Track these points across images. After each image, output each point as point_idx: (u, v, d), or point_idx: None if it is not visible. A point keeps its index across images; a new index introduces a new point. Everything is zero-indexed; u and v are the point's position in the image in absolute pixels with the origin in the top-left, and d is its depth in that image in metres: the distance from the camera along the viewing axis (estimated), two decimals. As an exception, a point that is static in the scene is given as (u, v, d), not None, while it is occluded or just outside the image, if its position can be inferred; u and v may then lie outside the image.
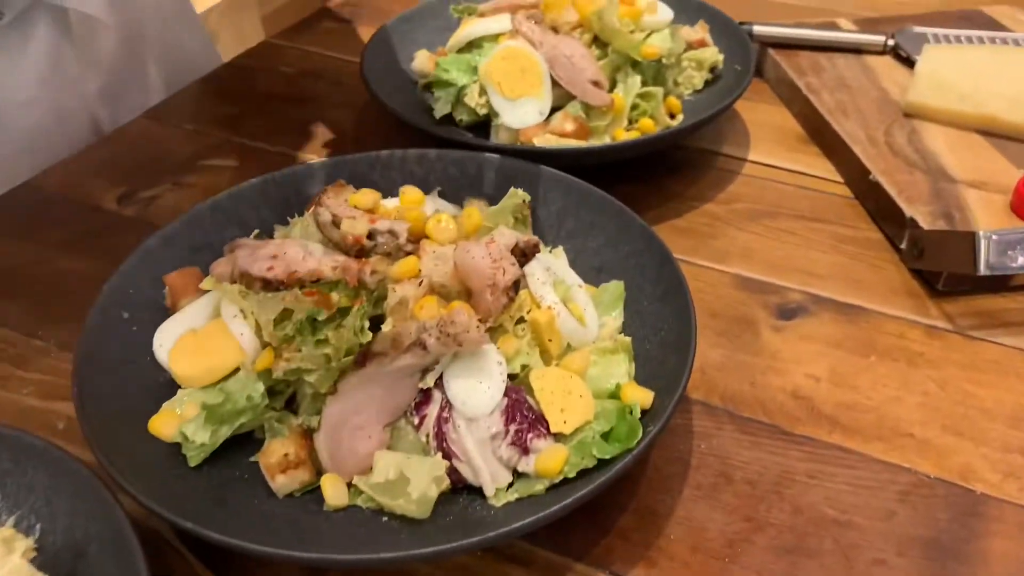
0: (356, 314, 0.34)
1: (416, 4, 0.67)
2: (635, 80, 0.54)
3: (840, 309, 0.46)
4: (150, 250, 0.41)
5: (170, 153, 0.60)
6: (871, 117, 0.57)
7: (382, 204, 0.40)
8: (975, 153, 0.53)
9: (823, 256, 0.50)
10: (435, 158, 0.48)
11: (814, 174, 0.56)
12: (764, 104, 0.64)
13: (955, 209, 0.48)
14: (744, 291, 0.47)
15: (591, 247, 0.44)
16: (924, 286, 0.47)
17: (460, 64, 0.56)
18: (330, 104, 0.65)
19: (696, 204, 0.54)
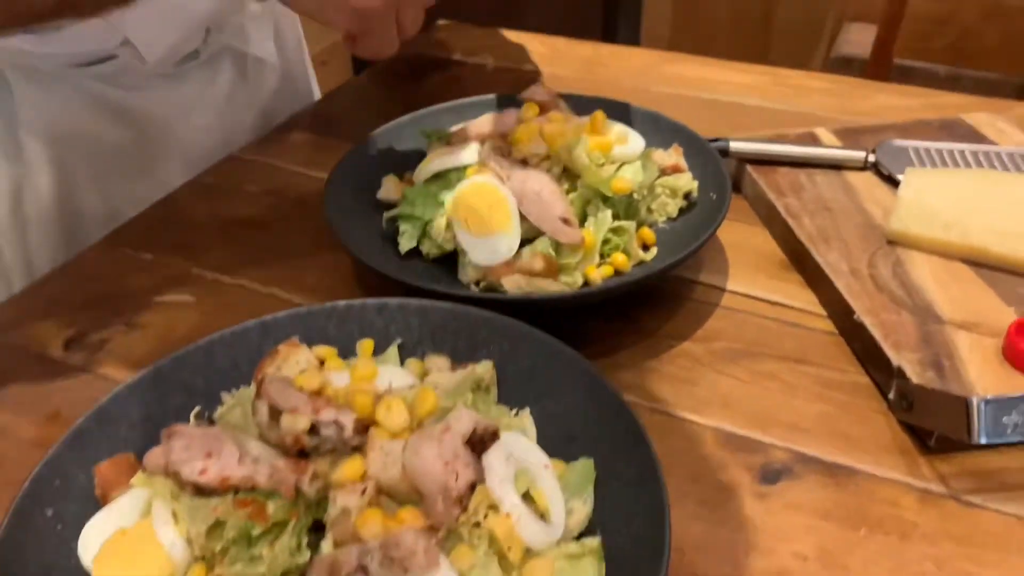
0: (292, 531, 0.31)
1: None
2: (606, 215, 0.52)
3: (828, 470, 0.43)
4: (82, 432, 0.38)
5: (124, 287, 0.57)
6: (854, 245, 0.55)
7: (330, 383, 0.38)
8: (964, 288, 0.51)
9: (808, 405, 0.47)
10: (396, 308, 0.46)
11: (797, 306, 0.54)
12: (743, 224, 0.61)
13: (945, 357, 0.46)
14: (726, 449, 0.44)
15: (560, 411, 0.41)
16: (916, 441, 0.44)
17: (426, 197, 0.54)
18: (294, 229, 0.63)
19: (674, 343, 0.51)
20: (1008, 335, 0.46)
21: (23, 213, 0.67)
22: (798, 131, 0.68)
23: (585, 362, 0.42)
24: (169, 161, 0.72)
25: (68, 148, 0.67)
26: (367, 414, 0.35)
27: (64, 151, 0.67)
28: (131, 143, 0.70)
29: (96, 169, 0.69)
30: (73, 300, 0.56)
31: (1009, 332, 0.46)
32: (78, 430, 0.39)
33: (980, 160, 0.62)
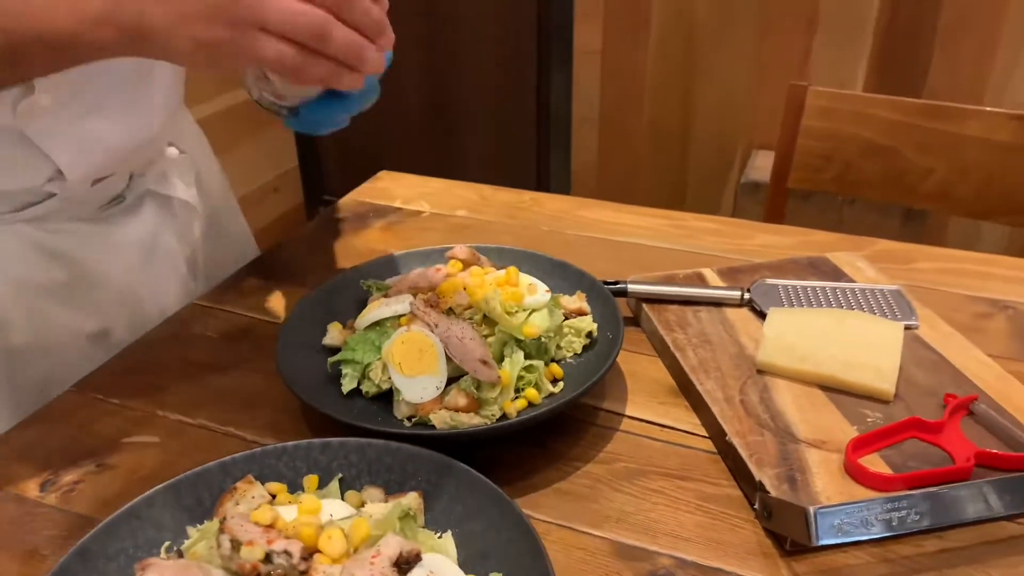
0: (250, 647, 0.38)
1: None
2: (519, 356, 0.61)
3: (703, 573, 0.51)
4: (66, 569, 0.45)
5: (93, 432, 0.64)
6: (729, 374, 0.65)
7: (281, 517, 0.45)
8: (817, 410, 0.61)
9: (689, 517, 0.55)
10: (337, 446, 0.54)
11: (683, 429, 0.63)
12: (642, 355, 0.71)
13: (798, 471, 0.55)
14: (619, 559, 0.53)
15: (477, 531, 0.50)
16: (776, 545, 0.53)
17: (365, 343, 0.63)
18: (251, 369, 0.70)
19: (579, 465, 0.60)
20: (847, 451, 0.56)
21: None
22: (687, 271, 0.79)
23: (498, 490, 0.50)
24: (104, 299, 0.77)
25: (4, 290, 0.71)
26: (312, 543, 0.43)
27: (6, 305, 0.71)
28: (63, 284, 0.74)
29: (29, 307, 0.73)
30: (47, 444, 0.63)
31: (847, 448, 0.56)
32: (61, 568, 0.45)
33: (837, 296, 0.74)
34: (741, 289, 0.74)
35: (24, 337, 0.73)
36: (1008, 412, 0.60)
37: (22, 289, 0.73)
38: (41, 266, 0.73)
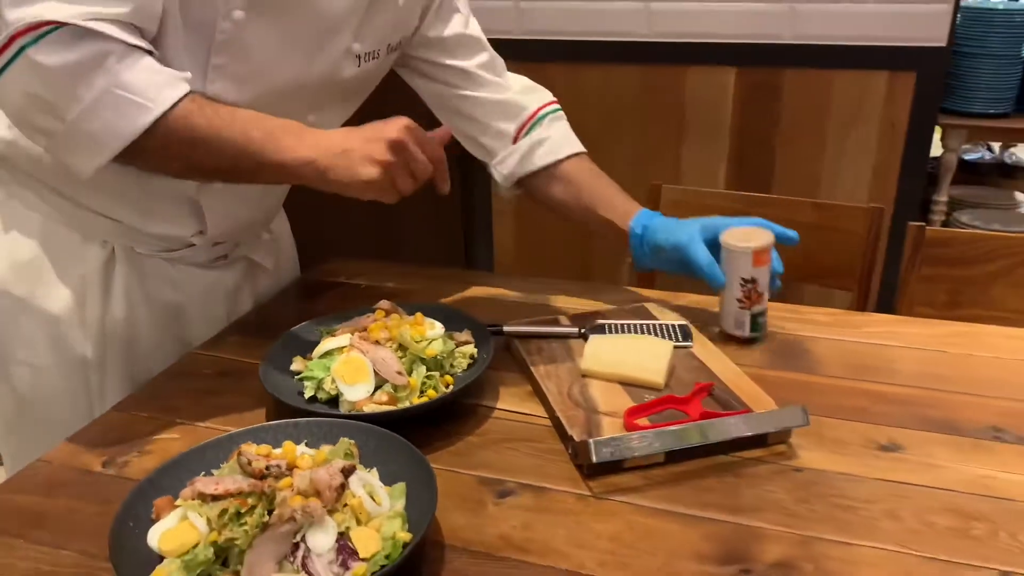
0: (260, 509, 0.69)
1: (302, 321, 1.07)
2: (422, 369, 0.94)
3: (533, 490, 0.83)
4: (141, 490, 0.75)
5: (133, 432, 0.94)
6: (563, 379, 0.98)
7: (274, 451, 0.76)
8: (614, 396, 0.94)
9: (529, 461, 0.87)
10: (304, 424, 0.85)
11: (532, 414, 0.96)
12: (510, 373, 1.04)
13: (595, 428, 0.88)
14: (481, 485, 0.84)
15: (392, 468, 0.81)
16: (580, 473, 0.85)
17: (320, 367, 0.95)
18: (239, 392, 1.01)
19: (462, 437, 0.92)
20: (624, 415, 0.89)
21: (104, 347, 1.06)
22: (547, 317, 1.14)
23: (405, 441, 0.82)
24: (191, 319, 1.14)
25: (143, 306, 1.08)
26: (292, 461, 0.74)
27: (141, 309, 1.08)
28: (175, 305, 1.11)
29: (154, 321, 1.09)
30: (104, 440, 0.92)
31: (624, 413, 0.89)
32: (138, 489, 0.75)
33: (640, 328, 1.08)
34: (580, 327, 1.09)
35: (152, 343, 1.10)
36: (737, 395, 0.94)
37: (150, 302, 1.08)
38: (166, 290, 1.09)
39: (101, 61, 0.80)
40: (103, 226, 1.03)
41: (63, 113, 0.81)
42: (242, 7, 0.88)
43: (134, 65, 0.82)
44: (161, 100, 0.83)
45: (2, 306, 1.03)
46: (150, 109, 0.82)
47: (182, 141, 0.86)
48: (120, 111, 0.82)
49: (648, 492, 0.83)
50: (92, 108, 0.81)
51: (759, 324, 1.09)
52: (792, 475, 0.85)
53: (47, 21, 0.78)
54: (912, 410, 0.96)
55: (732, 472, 0.86)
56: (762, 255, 1.05)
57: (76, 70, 0.80)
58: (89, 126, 0.82)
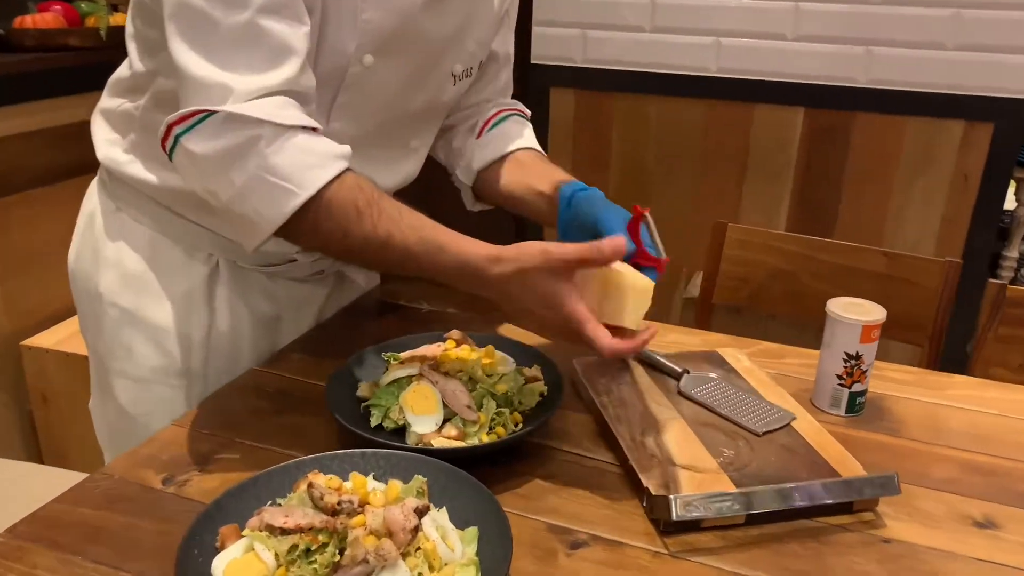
0: (331, 547, 0.66)
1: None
2: (492, 404, 0.91)
3: (606, 543, 0.79)
4: (208, 515, 0.73)
5: (193, 450, 0.92)
6: (635, 424, 0.94)
7: (344, 485, 0.73)
8: (690, 446, 0.90)
9: (600, 511, 0.84)
10: (371, 455, 0.82)
11: (602, 459, 0.92)
12: (579, 412, 1.01)
13: (671, 481, 0.84)
14: (552, 533, 0.81)
15: (463, 507, 0.78)
16: (656, 528, 0.81)
17: (388, 395, 0.92)
18: (302, 413, 0.99)
19: (529, 478, 0.88)
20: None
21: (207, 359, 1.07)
22: (616, 357, 1.10)
23: (477, 481, 0.78)
24: (288, 327, 1.17)
25: (244, 319, 1.09)
26: (364, 498, 0.71)
27: (243, 322, 1.09)
28: (272, 319, 1.13)
29: (254, 332, 1.11)
30: (163, 456, 0.90)
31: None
32: (204, 515, 0.73)
33: (743, 400, 1.04)
34: (682, 368, 1.05)
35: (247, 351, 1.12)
36: (823, 457, 0.89)
37: (252, 314, 1.10)
38: (264, 303, 1.11)
39: (252, 146, 0.80)
40: (209, 240, 1.04)
41: (219, 196, 0.83)
42: (372, 51, 0.90)
43: (283, 147, 0.81)
44: (308, 183, 0.82)
45: (110, 316, 1.05)
46: (296, 194, 0.82)
47: (334, 225, 0.84)
48: (268, 195, 0.82)
49: (727, 554, 0.79)
50: (242, 193, 0.82)
51: (857, 405, 1.03)
52: (881, 547, 0.80)
53: (198, 111, 0.79)
54: (1005, 484, 0.90)
55: (816, 538, 0.81)
56: (874, 331, 1.00)
57: (225, 158, 0.80)
58: (241, 209, 0.83)
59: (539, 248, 0.82)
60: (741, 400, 1.00)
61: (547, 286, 0.82)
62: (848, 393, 1.01)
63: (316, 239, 0.87)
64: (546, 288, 0.82)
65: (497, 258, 0.83)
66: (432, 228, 0.85)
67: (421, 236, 0.84)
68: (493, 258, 0.83)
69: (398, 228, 0.84)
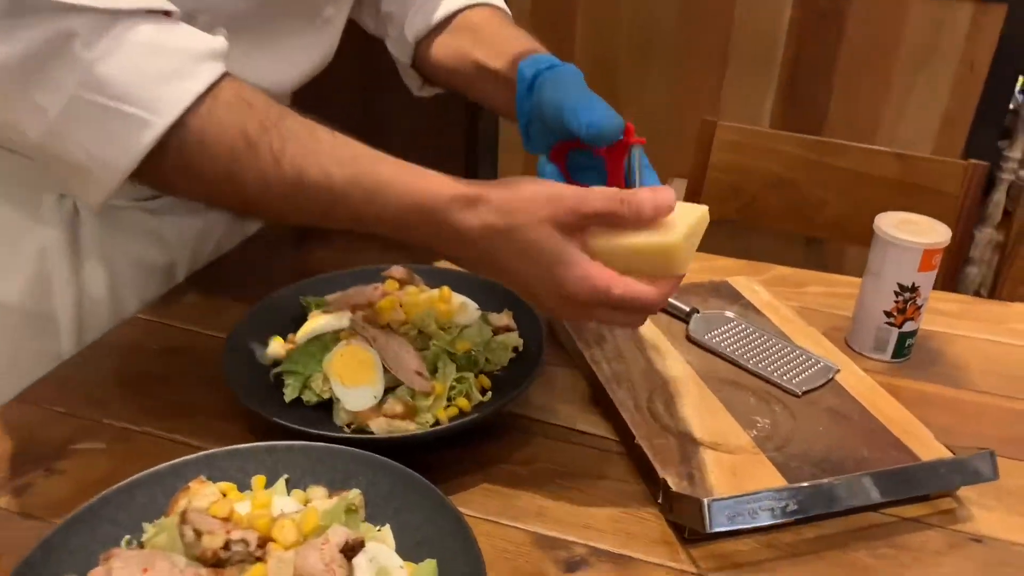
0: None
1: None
2: (451, 368, 0.67)
3: (613, 559, 0.58)
4: (30, 562, 0.48)
5: (41, 438, 0.67)
6: (639, 385, 0.72)
7: (236, 510, 0.50)
8: (714, 416, 0.69)
9: (601, 511, 0.62)
10: (284, 449, 0.59)
11: (597, 434, 0.70)
12: (563, 368, 0.78)
13: (696, 470, 0.63)
14: (540, 549, 0.59)
15: (413, 524, 0.55)
16: (677, 534, 0.60)
17: (305, 356, 0.68)
18: (193, 381, 0.74)
19: (505, 467, 0.66)
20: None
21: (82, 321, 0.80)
22: (605, 292, 0.87)
23: (432, 486, 0.56)
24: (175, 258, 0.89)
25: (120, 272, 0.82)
26: (266, 532, 0.48)
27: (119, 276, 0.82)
28: (164, 269, 0.87)
29: (142, 290, 0.85)
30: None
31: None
32: (26, 562, 0.49)
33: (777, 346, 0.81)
34: (689, 307, 0.82)
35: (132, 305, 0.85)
36: (891, 431, 0.69)
37: (136, 265, 0.84)
38: (147, 248, 0.85)
39: (63, 49, 0.52)
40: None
41: (26, 133, 0.55)
42: None
43: (115, 48, 0.53)
44: (163, 104, 0.54)
45: None
46: (146, 122, 0.54)
47: (212, 165, 0.57)
48: (101, 127, 0.54)
49: (779, 570, 0.58)
50: (60, 125, 0.54)
51: (906, 348, 0.82)
52: (971, 548, 0.60)
53: None
54: (1103, 449, 0.71)
55: (887, 540, 0.61)
56: (935, 257, 0.77)
57: (23, 71, 0.52)
58: (63, 150, 0.55)
59: (544, 193, 0.56)
60: (768, 347, 0.78)
61: (550, 247, 0.55)
62: (898, 334, 0.80)
63: (186, 185, 0.59)
64: (550, 249, 0.55)
65: (472, 199, 0.56)
66: (369, 158, 0.58)
67: (353, 172, 0.57)
68: (465, 199, 0.56)
69: (316, 161, 0.56)
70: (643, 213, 0.55)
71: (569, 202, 0.55)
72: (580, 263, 0.55)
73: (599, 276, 0.55)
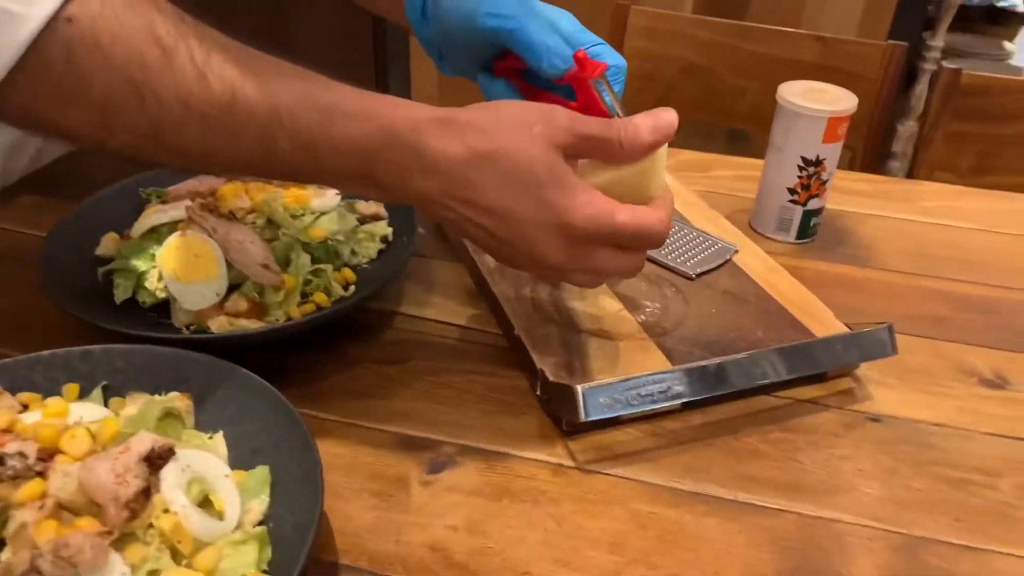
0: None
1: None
2: (305, 259, 0.60)
3: (484, 457, 0.53)
4: None
5: None
6: (523, 276, 0.66)
7: (20, 420, 0.42)
8: (600, 302, 0.63)
9: (476, 407, 0.57)
10: (100, 353, 0.51)
11: (478, 328, 0.64)
12: (445, 262, 0.71)
13: (576, 358, 0.57)
14: (403, 450, 0.53)
15: (250, 431, 0.48)
16: (556, 427, 0.55)
17: (139, 251, 0.60)
18: (14, 290, 0.65)
19: (373, 367, 0.60)
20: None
21: None
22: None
23: (271, 389, 0.49)
24: None
25: None
26: (52, 444, 0.40)
27: None
28: None
29: None
30: None
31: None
32: None
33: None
34: None
35: None
36: (785, 308, 0.64)
37: None
38: None
39: None
40: None
41: None
42: None
43: None
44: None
45: None
46: (18, 18, 0.40)
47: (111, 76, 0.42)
48: None
49: (661, 459, 0.53)
50: None
51: (812, 227, 0.77)
52: (869, 428, 0.57)
53: None
54: (1008, 322, 0.68)
55: (780, 424, 0.57)
56: (841, 126, 0.72)
57: None
58: None
59: (534, 111, 0.47)
60: (666, 230, 0.72)
61: (548, 169, 0.46)
62: (802, 212, 0.75)
63: (77, 113, 0.43)
64: (548, 172, 0.46)
65: (448, 120, 0.46)
66: (318, 77, 0.47)
67: (303, 89, 0.45)
68: (440, 121, 0.46)
69: (252, 75, 0.44)
70: (640, 141, 0.47)
71: (563, 120, 0.46)
72: (583, 189, 0.47)
73: (603, 204, 0.47)
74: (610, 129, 0.47)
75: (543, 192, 0.46)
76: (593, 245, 0.48)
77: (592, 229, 0.46)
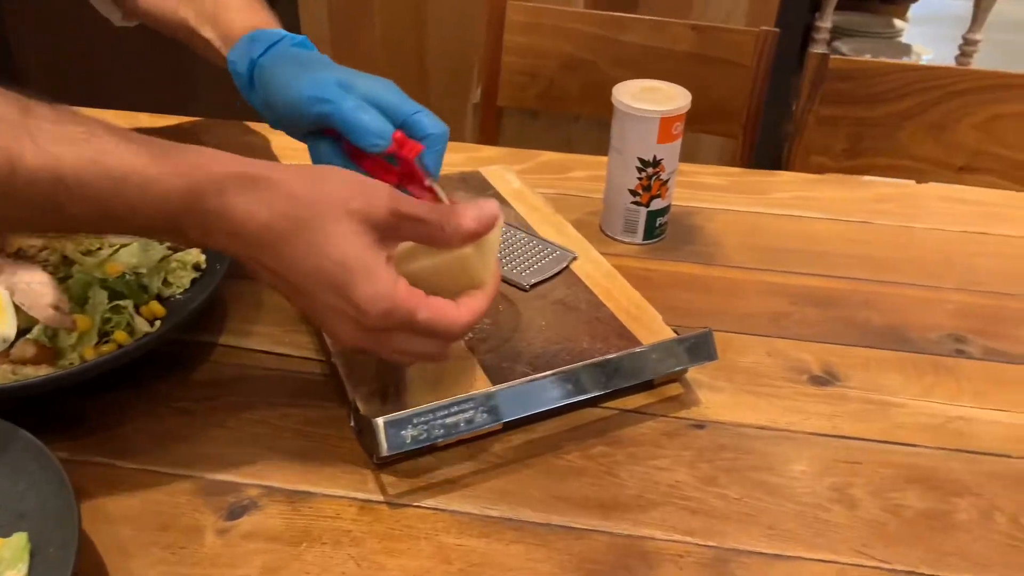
0: None
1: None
2: (102, 296, 0.56)
3: (288, 498, 0.50)
4: None
5: None
6: (349, 295, 0.63)
7: None
8: (427, 322, 0.61)
9: (288, 443, 0.54)
10: None
11: (301, 355, 0.61)
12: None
13: (392, 386, 0.55)
14: (202, 496, 0.50)
15: (18, 491, 0.45)
16: (368, 461, 0.53)
17: (-83, 300, 0.55)
18: None
19: (182, 405, 0.57)
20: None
21: None
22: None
23: (38, 444, 0.46)
24: None
25: None
26: None
27: None
28: None
29: None
30: None
31: None
32: None
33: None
34: None
35: None
36: (614, 314, 0.63)
37: None
38: None
39: None
40: None
41: None
42: None
43: None
44: None
45: None
46: None
47: None
48: None
49: (477, 484, 0.52)
50: None
51: (659, 228, 0.76)
52: (692, 436, 0.56)
53: None
54: (843, 313, 0.68)
55: (603, 437, 0.56)
56: (675, 125, 0.71)
57: None
58: None
59: (355, 181, 0.46)
60: (504, 240, 0.70)
61: (355, 250, 0.44)
62: (646, 213, 0.75)
63: None
64: (355, 253, 0.44)
65: (255, 179, 0.44)
66: (111, 134, 0.43)
67: (92, 153, 0.42)
68: (246, 179, 0.44)
69: (32, 142, 0.41)
70: (462, 228, 0.46)
71: (384, 200, 0.45)
72: (385, 278, 0.45)
73: (404, 298, 0.45)
74: (432, 212, 0.46)
75: (343, 276, 0.44)
76: (388, 333, 0.47)
77: (388, 323, 0.45)
